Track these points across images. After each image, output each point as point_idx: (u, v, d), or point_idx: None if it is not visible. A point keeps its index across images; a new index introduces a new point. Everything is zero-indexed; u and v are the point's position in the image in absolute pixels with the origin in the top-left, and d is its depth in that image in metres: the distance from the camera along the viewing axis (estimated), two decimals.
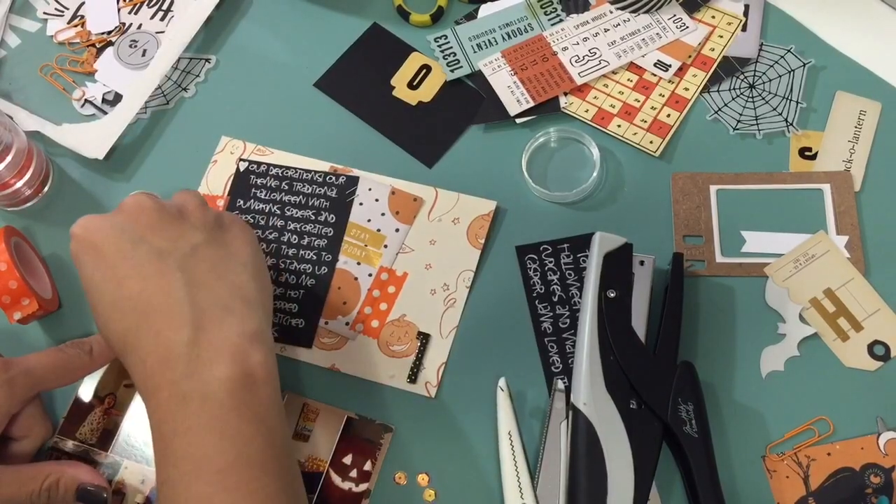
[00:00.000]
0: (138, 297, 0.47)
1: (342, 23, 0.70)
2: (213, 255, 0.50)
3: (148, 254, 0.48)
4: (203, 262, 0.49)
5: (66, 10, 0.73)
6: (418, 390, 0.57)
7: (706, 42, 0.66)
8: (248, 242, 0.52)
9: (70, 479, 0.52)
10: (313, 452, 0.55)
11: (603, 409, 0.52)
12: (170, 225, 0.49)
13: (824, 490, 0.53)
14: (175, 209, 0.51)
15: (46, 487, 0.51)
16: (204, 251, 0.49)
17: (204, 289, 0.48)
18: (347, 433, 0.56)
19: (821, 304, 0.58)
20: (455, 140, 0.65)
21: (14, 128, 0.62)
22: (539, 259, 0.60)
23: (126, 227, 0.49)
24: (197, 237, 0.50)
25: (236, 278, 0.50)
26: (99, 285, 0.48)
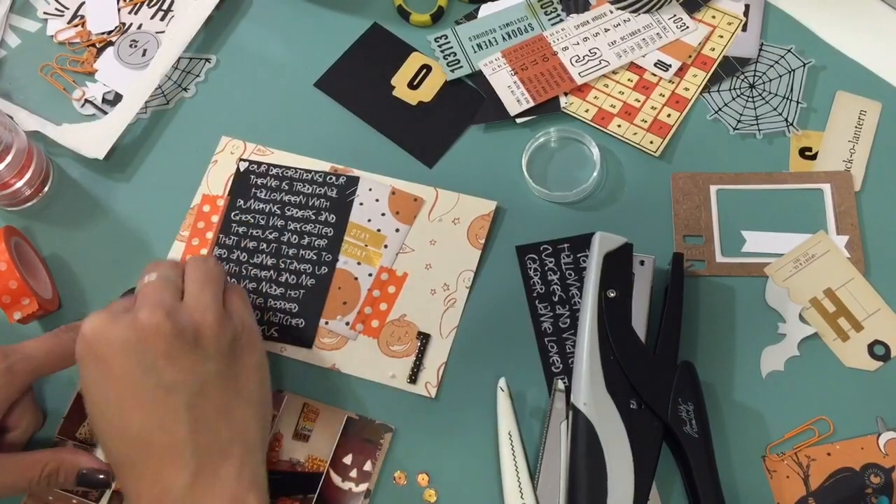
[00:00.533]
0: (139, 430, 0.46)
1: (342, 23, 0.70)
2: (222, 391, 0.48)
3: (156, 387, 0.46)
4: (210, 401, 0.47)
5: (66, 10, 0.73)
6: (418, 390, 0.57)
7: (706, 42, 0.66)
8: (257, 370, 0.51)
9: (70, 465, 0.52)
10: (313, 452, 0.55)
11: (603, 409, 0.52)
12: (184, 355, 0.47)
13: (824, 490, 0.53)
14: (191, 333, 0.48)
15: (46, 474, 0.51)
16: (213, 387, 0.48)
17: (206, 431, 0.47)
18: (347, 433, 0.56)
19: (821, 303, 0.58)
20: (455, 140, 0.65)
21: (14, 128, 0.62)
22: (539, 259, 0.60)
23: (139, 350, 0.46)
24: (209, 369, 0.48)
25: (240, 418, 0.48)
26: (99, 403, 0.47)
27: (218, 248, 0.62)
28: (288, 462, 0.55)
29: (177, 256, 0.62)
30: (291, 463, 0.55)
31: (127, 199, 0.65)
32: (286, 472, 0.55)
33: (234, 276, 0.61)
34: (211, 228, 0.63)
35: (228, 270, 0.61)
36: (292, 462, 0.55)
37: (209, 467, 0.46)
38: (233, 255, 0.62)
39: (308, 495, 0.54)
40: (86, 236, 0.64)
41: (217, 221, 0.63)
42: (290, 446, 0.55)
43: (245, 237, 0.62)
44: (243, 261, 0.62)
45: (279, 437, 0.56)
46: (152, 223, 0.64)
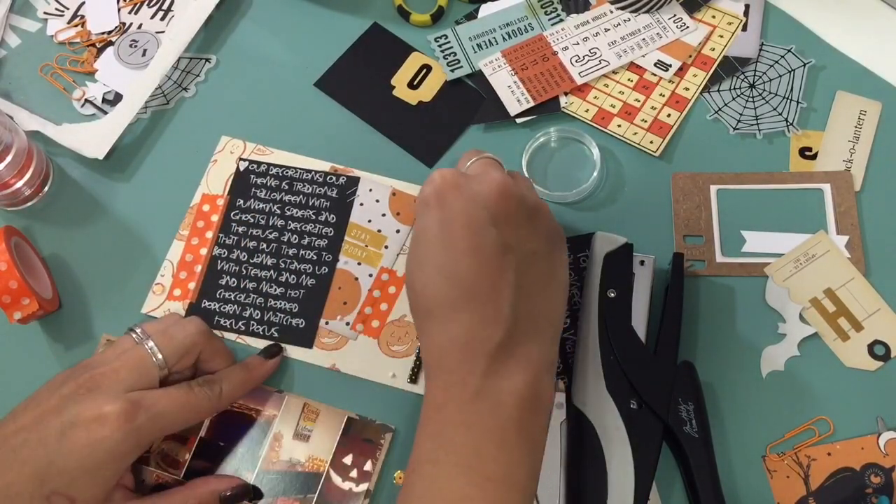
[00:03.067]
0: (469, 277, 0.46)
1: (342, 23, 0.70)
2: (544, 269, 0.49)
3: (495, 242, 0.47)
4: (534, 272, 0.48)
5: (66, 9, 0.73)
6: (418, 390, 0.57)
7: (706, 42, 0.66)
8: (566, 268, 0.52)
9: (208, 495, 0.52)
10: (313, 452, 0.55)
11: (603, 409, 0.52)
12: (524, 223, 0.49)
13: (824, 490, 0.53)
14: (532, 207, 0.50)
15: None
16: (539, 261, 0.49)
17: (527, 299, 0.47)
18: (347, 433, 0.56)
19: (821, 303, 0.58)
20: (455, 140, 0.65)
21: (14, 128, 0.62)
22: None
23: (487, 205, 0.47)
24: (539, 245, 0.49)
25: (553, 300, 0.50)
26: (434, 245, 0.47)
27: (218, 247, 0.62)
28: (288, 462, 0.55)
29: (176, 256, 0.62)
30: (291, 463, 0.55)
31: (127, 199, 0.65)
32: (286, 473, 0.55)
33: (234, 276, 0.61)
34: (211, 228, 0.63)
35: (228, 270, 0.61)
36: (292, 462, 0.55)
37: (521, 335, 0.46)
38: (233, 255, 0.62)
39: (308, 495, 0.54)
40: (86, 236, 0.64)
41: (217, 221, 0.63)
42: (290, 446, 0.55)
43: (245, 237, 0.62)
44: (243, 260, 0.62)
45: (279, 436, 0.56)
46: (152, 223, 0.64)
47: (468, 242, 0.46)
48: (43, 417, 0.48)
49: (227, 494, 0.52)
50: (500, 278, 0.47)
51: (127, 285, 0.62)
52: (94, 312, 0.61)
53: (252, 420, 0.56)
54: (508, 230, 0.48)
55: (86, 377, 0.50)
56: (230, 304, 0.60)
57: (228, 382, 0.54)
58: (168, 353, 0.52)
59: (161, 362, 0.51)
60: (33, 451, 0.47)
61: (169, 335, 0.53)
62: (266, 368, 0.57)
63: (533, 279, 0.48)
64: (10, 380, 0.60)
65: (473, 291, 0.46)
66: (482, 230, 0.47)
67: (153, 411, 0.49)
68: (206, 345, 0.55)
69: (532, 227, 0.49)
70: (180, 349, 0.52)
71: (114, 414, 0.47)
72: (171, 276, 0.62)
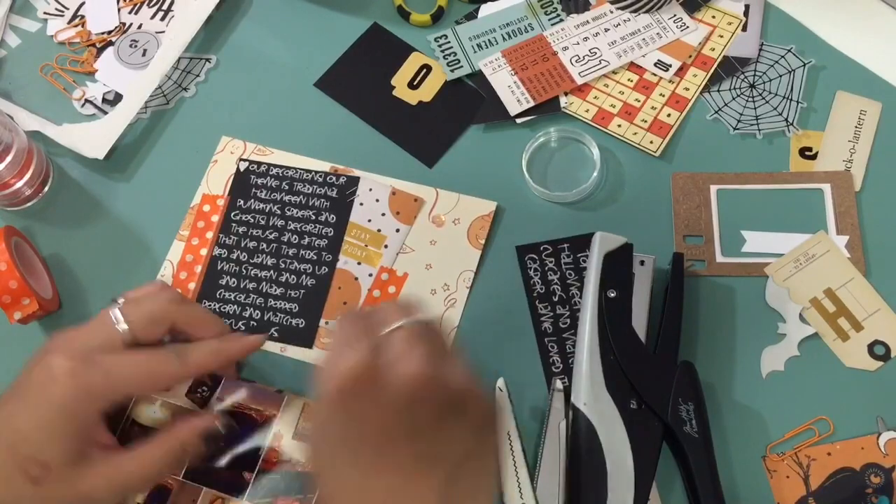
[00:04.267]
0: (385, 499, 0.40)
1: (342, 23, 0.70)
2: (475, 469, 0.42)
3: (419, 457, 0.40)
4: (464, 480, 0.41)
5: (66, 9, 0.73)
6: None
7: (706, 42, 0.66)
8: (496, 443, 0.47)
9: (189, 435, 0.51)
10: None
11: (603, 409, 0.52)
12: (451, 421, 0.41)
13: (824, 490, 0.53)
14: (459, 398, 0.42)
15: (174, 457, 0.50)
16: (470, 465, 0.42)
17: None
18: None
19: (821, 303, 0.58)
20: (455, 140, 0.65)
21: (14, 128, 0.62)
22: (539, 259, 0.60)
23: (409, 409, 0.40)
24: (469, 443, 0.42)
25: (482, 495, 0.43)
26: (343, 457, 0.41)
27: (218, 247, 0.62)
28: (288, 462, 0.55)
29: (176, 256, 0.62)
30: (291, 463, 0.55)
31: (127, 199, 0.65)
32: (286, 473, 0.55)
33: (234, 277, 0.61)
34: (211, 228, 0.63)
35: (228, 270, 0.61)
36: (292, 462, 0.55)
37: None
38: (233, 255, 0.62)
39: (308, 495, 0.54)
40: (86, 236, 0.64)
41: (217, 221, 0.63)
42: (290, 446, 0.55)
43: (245, 237, 0.62)
44: (243, 261, 0.62)
45: (279, 436, 0.56)
46: (152, 223, 0.64)
47: (385, 463, 0.40)
48: (13, 387, 0.49)
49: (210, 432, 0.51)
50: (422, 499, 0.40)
51: (127, 285, 0.61)
52: (94, 312, 0.60)
53: (252, 420, 0.56)
54: (433, 438, 0.41)
55: (46, 343, 0.50)
56: (230, 305, 0.60)
57: (198, 350, 0.52)
58: (133, 320, 0.50)
59: (124, 330, 0.50)
60: (4, 424, 0.47)
61: (138, 303, 0.51)
62: (244, 343, 0.54)
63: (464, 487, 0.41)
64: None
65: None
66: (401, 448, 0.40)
67: (106, 368, 0.48)
68: (178, 314, 0.52)
69: (462, 426, 0.42)
70: (147, 317, 0.51)
71: (61, 370, 0.47)
72: (171, 276, 0.62)
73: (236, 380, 0.57)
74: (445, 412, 0.41)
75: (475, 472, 0.42)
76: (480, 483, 0.43)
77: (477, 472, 0.43)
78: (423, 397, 0.40)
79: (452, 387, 0.42)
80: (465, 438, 0.42)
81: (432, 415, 0.41)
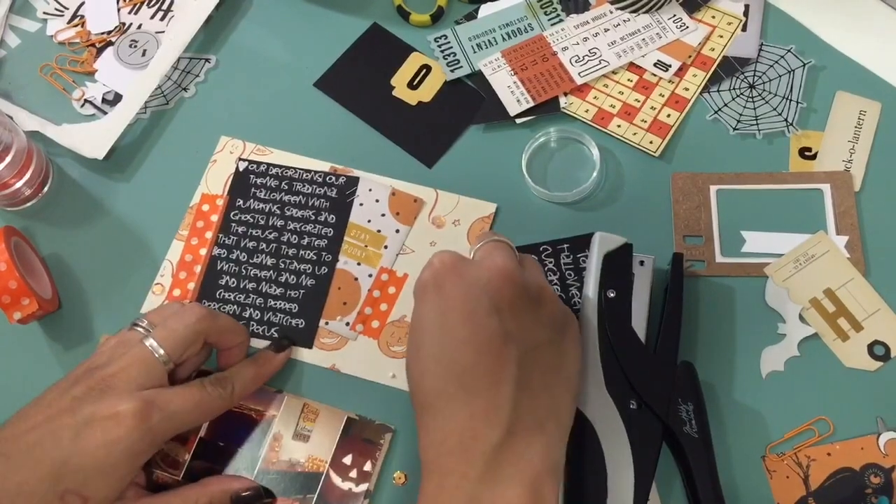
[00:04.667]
0: (467, 368, 0.44)
1: (342, 23, 0.70)
2: (549, 360, 0.47)
3: (497, 331, 0.44)
4: (538, 365, 0.46)
5: (66, 10, 0.73)
6: None
7: (706, 42, 0.66)
8: (578, 357, 0.49)
9: (220, 494, 0.51)
10: (313, 452, 0.55)
11: (603, 409, 0.52)
12: (527, 310, 0.46)
13: (824, 490, 0.53)
14: (535, 292, 0.47)
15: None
16: (543, 353, 0.46)
17: (529, 394, 0.45)
18: (347, 433, 0.56)
19: (821, 304, 0.58)
20: (455, 140, 0.65)
21: (14, 128, 0.62)
22: (539, 259, 0.60)
23: (488, 291, 0.45)
24: (543, 335, 0.47)
25: (558, 394, 0.47)
26: (431, 333, 0.45)
27: (217, 247, 0.62)
28: (288, 462, 0.55)
29: (176, 256, 0.62)
30: (291, 463, 0.55)
31: (127, 199, 0.65)
32: (286, 473, 0.55)
33: (234, 277, 0.61)
34: (210, 228, 0.63)
35: (227, 270, 0.61)
36: (292, 462, 0.55)
37: (522, 435, 0.44)
38: (232, 255, 0.62)
39: (308, 495, 0.54)
40: (86, 236, 0.64)
41: (216, 221, 0.63)
42: (290, 446, 0.55)
43: (245, 237, 0.62)
44: (243, 261, 0.62)
45: (279, 437, 0.56)
46: (152, 223, 0.64)
47: (467, 332, 0.44)
48: (56, 417, 0.48)
49: (240, 495, 0.52)
50: (500, 372, 0.44)
51: (127, 285, 0.62)
52: (94, 312, 0.61)
53: (252, 420, 0.56)
54: (511, 319, 0.45)
55: (97, 378, 0.49)
56: (230, 305, 0.60)
57: (240, 380, 0.54)
58: (170, 348, 0.51)
59: (164, 357, 0.51)
60: (47, 451, 0.47)
61: (169, 329, 0.52)
62: (276, 363, 0.57)
63: (538, 373, 0.46)
64: (10, 380, 0.60)
65: (471, 385, 0.44)
66: (482, 319, 0.44)
67: (167, 410, 0.49)
68: (209, 330, 0.53)
69: (537, 316, 0.47)
70: (182, 342, 0.52)
71: (129, 413, 0.47)
72: (170, 276, 0.62)
73: None
74: (523, 300, 0.46)
75: (549, 363, 0.47)
76: (555, 376, 0.47)
77: (551, 364, 0.47)
78: (503, 284, 0.45)
79: (530, 282, 0.47)
80: (541, 329, 0.47)
81: (511, 299, 0.45)
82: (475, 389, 0.44)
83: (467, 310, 0.45)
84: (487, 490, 0.43)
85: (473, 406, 0.44)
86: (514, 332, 0.45)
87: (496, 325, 0.45)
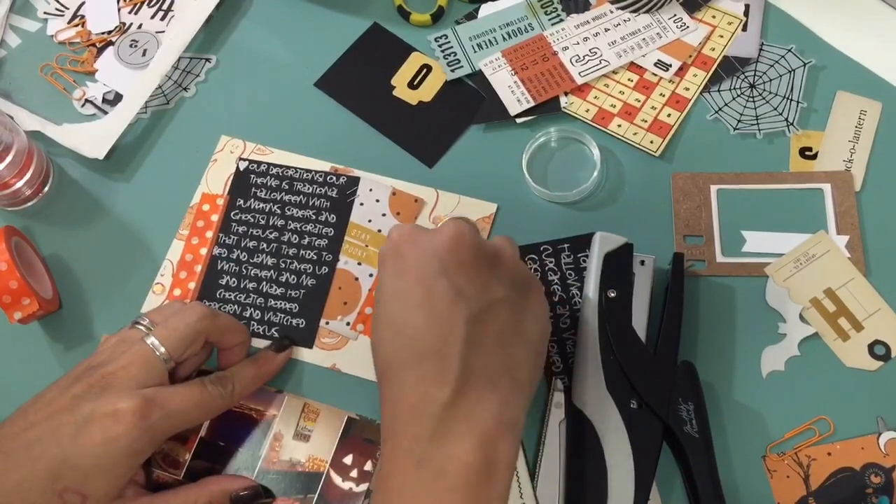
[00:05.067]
0: (418, 331, 0.45)
1: (342, 23, 0.70)
2: (505, 319, 0.47)
3: (445, 291, 0.45)
4: (492, 324, 0.46)
5: (66, 9, 0.73)
6: None
7: (707, 42, 0.66)
8: (540, 319, 0.49)
9: (219, 494, 0.51)
10: (314, 452, 0.55)
11: (603, 409, 0.52)
12: (480, 269, 0.46)
13: (824, 490, 0.53)
14: (492, 253, 0.48)
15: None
16: (498, 311, 0.46)
17: (481, 352, 0.45)
18: (348, 433, 0.56)
19: (821, 303, 0.58)
20: (455, 140, 0.65)
21: (14, 128, 0.62)
22: (539, 259, 0.60)
23: (439, 253, 0.46)
24: (499, 293, 0.47)
25: (515, 353, 0.47)
26: (388, 301, 0.47)
27: (218, 247, 0.62)
28: (288, 462, 0.55)
29: (176, 256, 0.62)
30: (292, 463, 0.55)
31: (127, 198, 0.65)
32: (286, 473, 0.55)
33: (234, 276, 0.61)
34: (211, 227, 0.63)
35: (228, 270, 0.61)
36: (293, 462, 0.55)
37: (473, 393, 0.44)
38: (233, 255, 0.62)
39: (308, 495, 0.54)
40: (86, 236, 0.64)
41: (217, 220, 0.63)
42: (291, 446, 0.55)
43: (245, 237, 0.62)
44: (243, 260, 0.62)
45: (279, 437, 0.56)
46: (152, 222, 0.64)
47: (417, 295, 0.45)
48: (56, 415, 0.48)
49: (239, 495, 0.52)
50: (450, 332, 0.44)
51: (127, 285, 0.62)
52: (94, 312, 0.61)
53: (252, 420, 0.56)
54: (463, 279, 0.46)
55: (97, 376, 0.49)
56: (230, 304, 0.60)
57: (240, 379, 0.54)
58: (171, 346, 0.51)
59: (165, 355, 0.51)
60: (46, 448, 0.47)
61: (171, 327, 0.52)
62: (277, 363, 0.57)
63: (493, 332, 0.46)
64: (10, 380, 0.60)
65: (423, 348, 0.44)
66: (431, 281, 0.45)
67: (167, 409, 0.49)
68: (210, 329, 0.53)
69: (493, 275, 0.47)
70: (183, 340, 0.52)
71: (129, 411, 0.47)
72: (171, 275, 0.62)
73: None
74: (477, 259, 0.46)
75: (506, 321, 0.46)
76: (513, 335, 0.47)
77: (508, 322, 0.47)
78: (455, 245, 0.46)
79: (486, 243, 0.48)
80: (496, 287, 0.47)
81: (462, 259, 0.46)
82: (425, 352, 0.44)
83: (419, 274, 0.46)
84: (436, 449, 0.43)
85: (423, 369, 0.44)
86: (465, 290, 0.45)
87: (445, 286, 0.45)
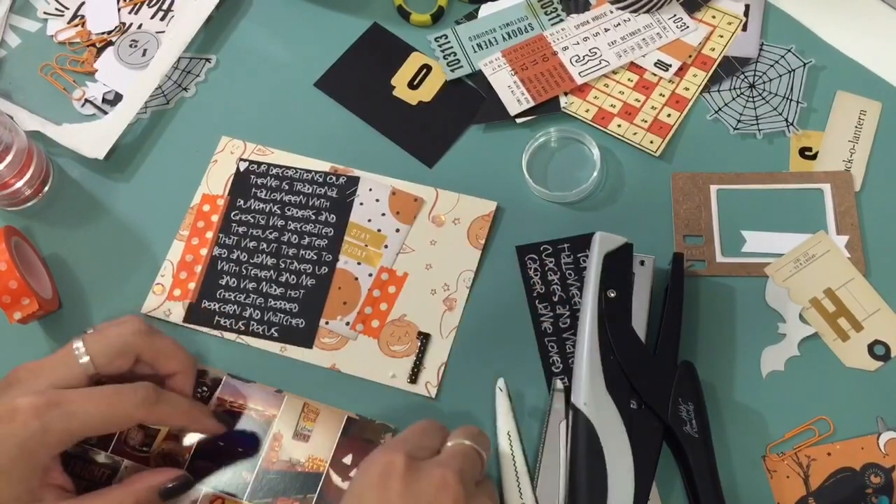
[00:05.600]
0: None
1: (342, 23, 0.70)
2: None
3: None
4: None
5: (66, 9, 0.73)
6: (418, 390, 0.57)
7: (706, 42, 0.66)
8: None
9: (145, 491, 0.50)
10: (313, 452, 0.55)
11: (603, 409, 0.52)
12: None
13: (824, 490, 0.53)
14: None
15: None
16: None
17: None
18: (347, 433, 0.56)
19: (821, 303, 0.58)
20: (455, 140, 0.65)
21: (14, 128, 0.62)
22: (539, 259, 0.60)
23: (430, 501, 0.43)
24: None
25: None
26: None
27: (218, 247, 0.62)
28: (288, 462, 0.55)
29: (176, 256, 0.62)
30: (291, 462, 0.55)
31: (127, 199, 0.65)
32: (286, 473, 0.55)
33: (234, 276, 0.61)
34: (211, 228, 0.63)
35: (228, 270, 0.61)
36: (292, 462, 0.55)
37: None
38: (233, 255, 0.62)
39: (308, 495, 0.54)
40: (86, 236, 0.64)
41: (217, 221, 0.63)
42: (290, 446, 0.55)
43: (245, 237, 0.62)
44: (243, 261, 0.62)
45: (279, 436, 0.56)
46: (152, 223, 0.64)
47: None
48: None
49: (167, 487, 0.51)
50: None
51: (127, 285, 0.62)
52: (94, 312, 0.61)
53: (252, 420, 0.56)
54: None
55: (9, 374, 0.49)
56: (230, 304, 0.60)
57: (169, 403, 0.51)
58: (95, 353, 0.49)
59: (87, 362, 0.49)
60: None
61: (102, 335, 0.50)
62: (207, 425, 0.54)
63: None
64: None
65: None
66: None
67: (67, 409, 0.46)
68: (144, 346, 0.51)
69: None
70: (109, 348, 0.50)
71: (24, 408, 0.46)
72: (171, 276, 0.62)
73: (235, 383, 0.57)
74: None
75: None
76: None
77: None
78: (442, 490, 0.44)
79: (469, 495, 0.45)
80: None
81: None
82: None
83: None
84: None
85: None
86: None
87: None
